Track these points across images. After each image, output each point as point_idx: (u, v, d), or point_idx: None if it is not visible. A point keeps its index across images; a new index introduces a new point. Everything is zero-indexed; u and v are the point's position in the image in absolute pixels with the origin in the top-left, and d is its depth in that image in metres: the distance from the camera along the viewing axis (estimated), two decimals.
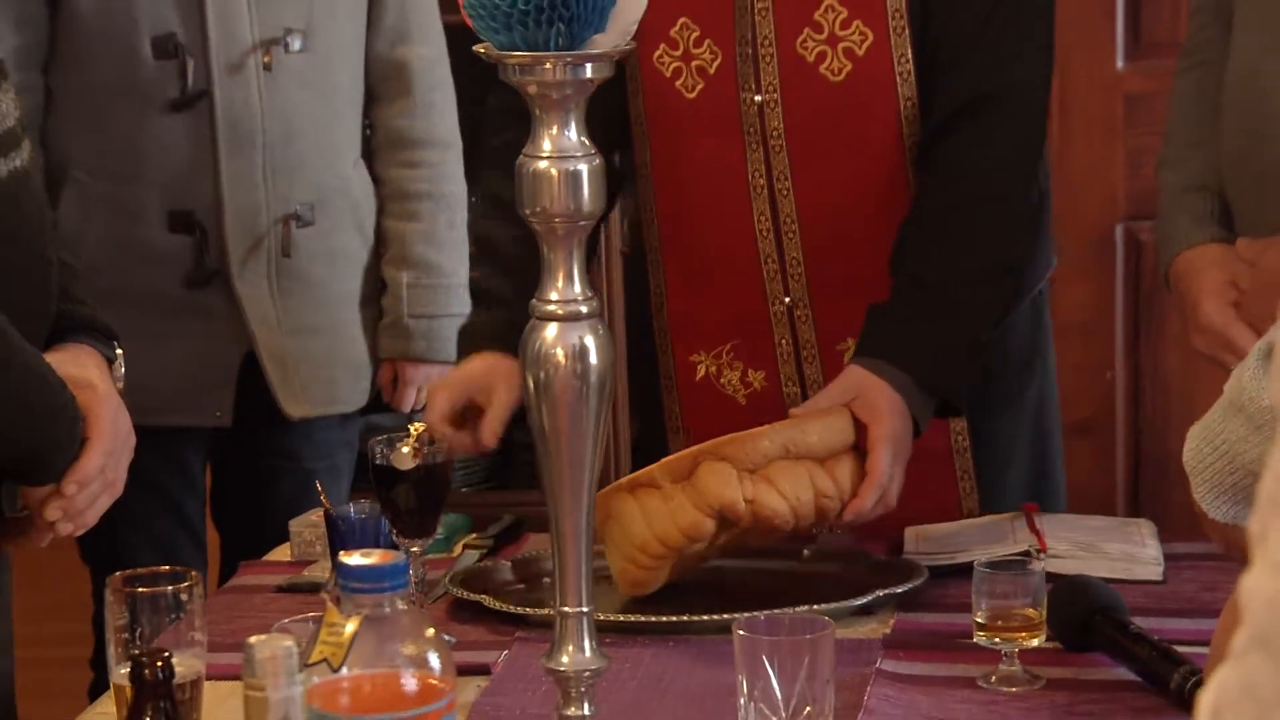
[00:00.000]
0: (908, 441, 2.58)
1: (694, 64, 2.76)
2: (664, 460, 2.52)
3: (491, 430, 2.60)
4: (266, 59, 3.43)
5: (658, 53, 2.74)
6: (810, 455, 2.51)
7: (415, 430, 2.50)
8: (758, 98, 2.74)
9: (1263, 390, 1.90)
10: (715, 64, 2.75)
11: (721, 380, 2.85)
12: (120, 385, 2.57)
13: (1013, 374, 2.93)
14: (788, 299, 2.80)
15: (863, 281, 2.72)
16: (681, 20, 2.72)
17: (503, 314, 2.67)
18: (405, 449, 2.48)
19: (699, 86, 2.76)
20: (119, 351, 2.59)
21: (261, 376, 3.49)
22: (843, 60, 2.72)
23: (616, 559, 2.48)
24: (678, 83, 2.76)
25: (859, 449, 2.56)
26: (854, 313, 2.71)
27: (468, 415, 2.61)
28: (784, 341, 2.82)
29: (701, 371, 2.86)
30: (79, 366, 2.48)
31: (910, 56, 2.71)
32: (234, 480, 3.70)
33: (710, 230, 2.81)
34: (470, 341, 2.71)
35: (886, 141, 2.74)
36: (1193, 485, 2.02)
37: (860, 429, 2.56)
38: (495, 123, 2.86)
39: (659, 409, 2.91)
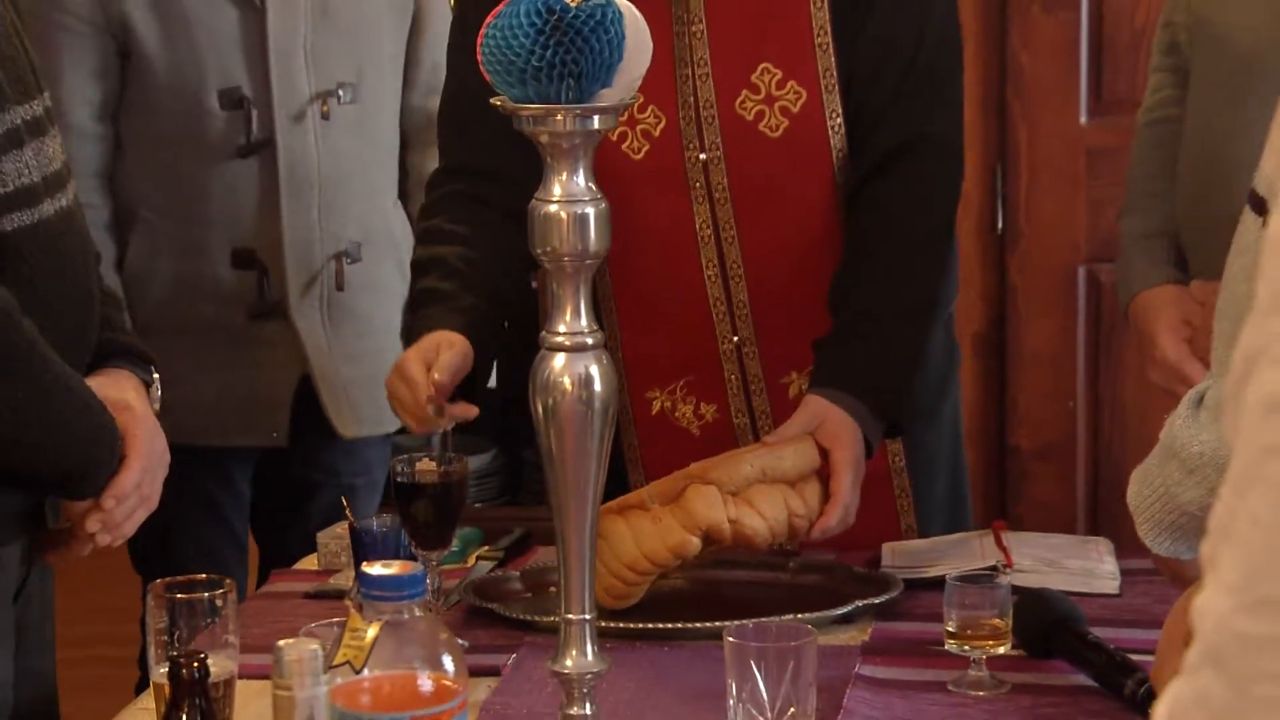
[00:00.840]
0: (864, 463, 2.62)
1: (639, 128, 2.75)
2: (652, 485, 2.55)
3: (441, 376, 2.56)
4: (324, 109, 3.45)
5: None
6: (783, 479, 2.54)
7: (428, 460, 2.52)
8: (702, 156, 2.74)
9: (1193, 438, 1.91)
10: (660, 127, 2.75)
11: (676, 414, 2.86)
12: (157, 407, 2.57)
13: (932, 391, 2.94)
14: (736, 338, 2.80)
15: (805, 320, 2.73)
16: None
17: (449, 305, 2.69)
18: (424, 465, 2.50)
19: (645, 148, 2.76)
20: (155, 376, 2.58)
21: (309, 399, 3.50)
22: (780, 118, 2.72)
23: (603, 575, 2.45)
24: (624, 145, 2.75)
25: (822, 472, 2.58)
26: (797, 349, 2.74)
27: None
28: (733, 377, 2.83)
29: (657, 406, 2.86)
30: (118, 390, 2.48)
31: (841, 111, 2.72)
32: (276, 494, 3.69)
33: (661, 277, 2.81)
34: (438, 321, 2.67)
35: (822, 190, 2.75)
36: (1136, 524, 2.03)
37: (823, 454, 2.59)
38: (437, 180, 2.90)
39: (616, 442, 2.92)
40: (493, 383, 3.65)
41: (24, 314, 2.33)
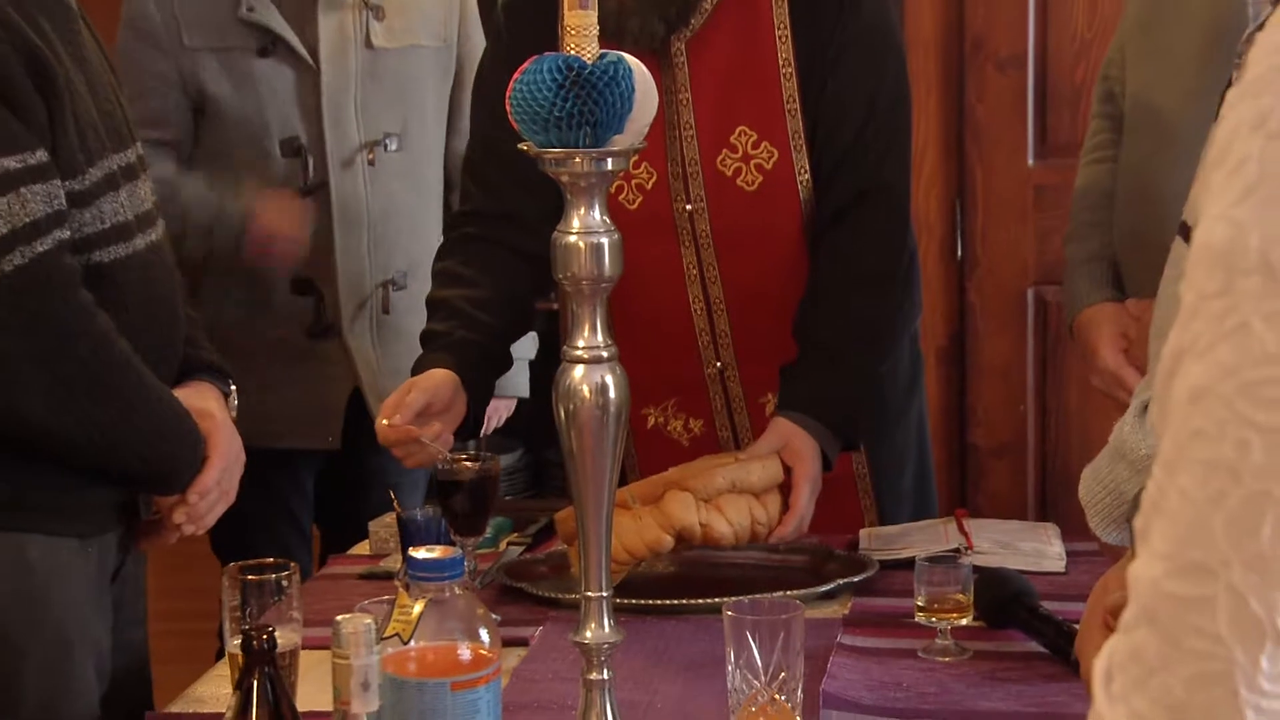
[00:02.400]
0: (820, 479, 2.63)
1: (634, 182, 2.76)
2: (634, 485, 2.57)
3: (445, 441, 2.61)
4: (370, 156, 3.45)
5: None
6: (750, 490, 2.56)
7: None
8: (688, 207, 2.75)
9: (1140, 441, 1.91)
10: (651, 181, 2.76)
11: (668, 428, 2.87)
12: (234, 415, 2.58)
13: (900, 395, 2.96)
14: (719, 363, 2.82)
15: (779, 347, 2.74)
16: None
17: (443, 344, 2.70)
18: (462, 464, 2.51)
19: (638, 200, 2.77)
20: (233, 388, 2.60)
21: (362, 408, 3.49)
22: (755, 174, 2.73)
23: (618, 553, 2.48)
24: (620, 197, 2.76)
25: (784, 485, 2.60)
26: (772, 373, 2.75)
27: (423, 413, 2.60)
28: (717, 397, 2.84)
29: (651, 421, 2.88)
30: (201, 400, 2.50)
31: (808, 167, 2.73)
32: (334, 489, 3.69)
33: (654, 310, 2.81)
34: (429, 362, 2.69)
35: (791, 235, 2.76)
36: (1088, 517, 2.02)
37: (786, 469, 2.60)
38: (456, 217, 2.94)
39: None
40: (525, 392, 3.68)
41: (119, 335, 2.34)
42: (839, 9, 2.71)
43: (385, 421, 2.60)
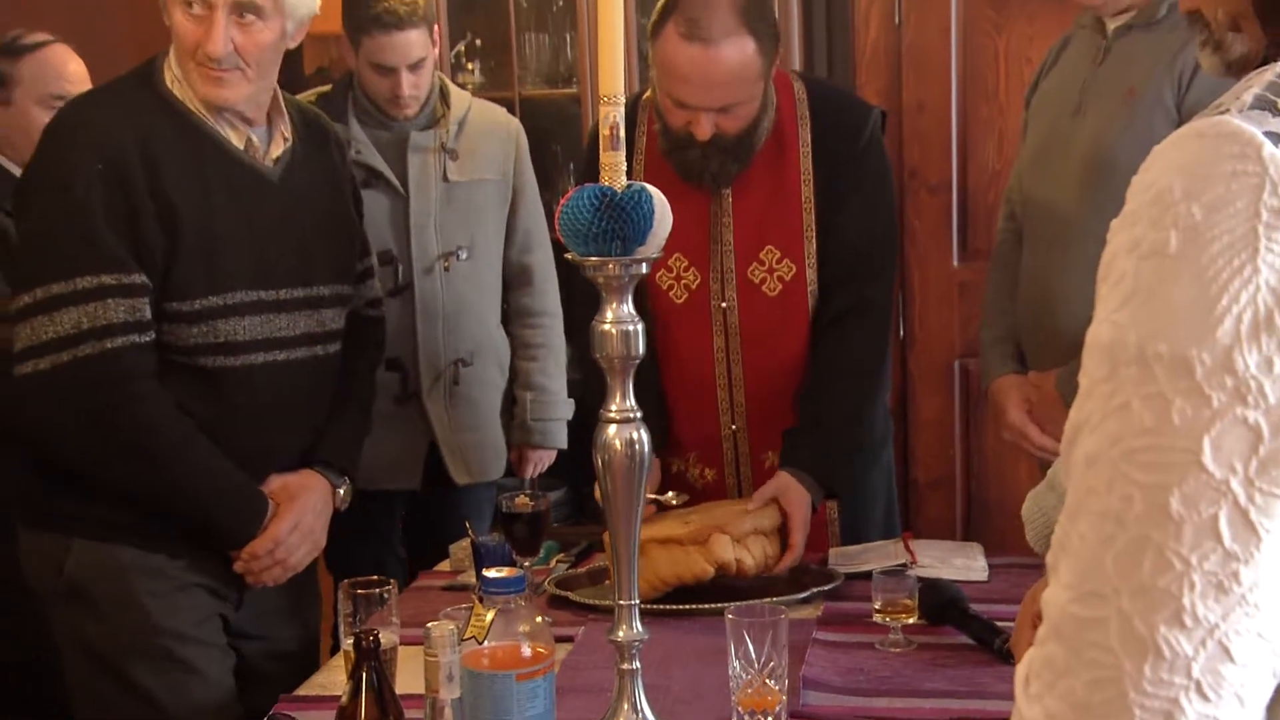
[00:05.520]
0: (810, 520, 2.62)
1: (682, 282, 2.75)
2: (687, 529, 2.53)
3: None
4: (446, 265, 3.45)
5: (659, 274, 2.73)
6: (763, 532, 2.57)
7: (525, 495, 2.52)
8: (723, 304, 2.74)
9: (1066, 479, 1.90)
10: (696, 282, 2.74)
11: (688, 474, 2.84)
12: (341, 506, 2.57)
13: (875, 446, 2.93)
14: (734, 426, 2.79)
15: (781, 417, 2.72)
16: (675, 254, 2.72)
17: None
18: (521, 500, 2.50)
19: (685, 296, 2.75)
20: (347, 483, 2.59)
21: (438, 457, 3.49)
22: (776, 283, 2.72)
23: (649, 581, 2.47)
24: (670, 293, 2.75)
25: (783, 526, 2.60)
26: (773, 437, 2.74)
27: None
28: (729, 452, 2.81)
29: (676, 468, 2.85)
30: (301, 481, 2.50)
31: (816, 280, 2.72)
32: (420, 520, 3.68)
33: (688, 383, 2.79)
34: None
35: (800, 333, 2.74)
36: (1026, 531, 2.00)
37: (783, 514, 2.60)
38: (574, 308, 2.94)
39: None
40: (564, 444, 3.67)
41: (180, 420, 2.32)
42: (850, 162, 2.70)
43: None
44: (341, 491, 2.56)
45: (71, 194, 2.26)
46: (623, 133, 1.73)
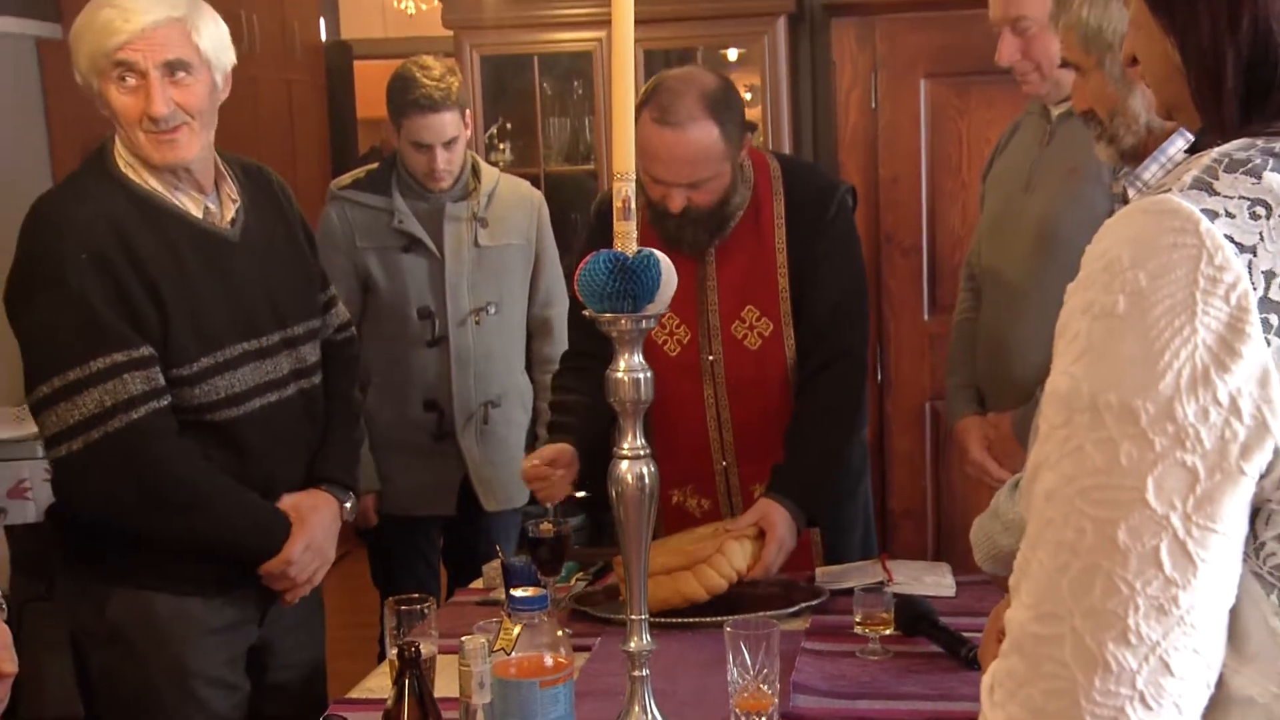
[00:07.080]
0: (792, 541, 2.59)
1: (674, 337, 2.74)
2: (691, 566, 2.51)
3: (563, 488, 2.64)
4: (477, 319, 3.45)
5: (655, 330, 2.71)
6: (748, 538, 2.55)
7: (546, 524, 2.50)
8: (710, 357, 2.73)
9: (1009, 509, 1.89)
10: (687, 338, 2.74)
11: (686, 504, 2.83)
12: (348, 517, 2.52)
13: (853, 479, 2.91)
14: (724, 463, 2.78)
15: (765, 454, 2.70)
16: (668, 313, 2.72)
17: (564, 431, 2.72)
18: (545, 526, 2.49)
19: (677, 350, 2.74)
20: (352, 497, 2.55)
21: (469, 488, 3.48)
22: (756, 339, 2.71)
23: (653, 601, 2.44)
24: (664, 346, 2.74)
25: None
26: (761, 472, 2.71)
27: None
28: (721, 485, 2.80)
29: (675, 499, 2.83)
30: (311, 500, 2.45)
31: (794, 336, 2.71)
32: (455, 544, 3.67)
33: (683, 427, 2.77)
34: (556, 439, 2.70)
35: (780, 383, 2.73)
36: (974, 553, 2.00)
37: (762, 534, 2.58)
38: (569, 355, 2.92)
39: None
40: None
41: (203, 466, 2.28)
42: (820, 233, 2.70)
43: (529, 464, 2.62)
44: (348, 505, 2.53)
45: (66, 286, 2.18)
46: (634, 205, 1.74)
